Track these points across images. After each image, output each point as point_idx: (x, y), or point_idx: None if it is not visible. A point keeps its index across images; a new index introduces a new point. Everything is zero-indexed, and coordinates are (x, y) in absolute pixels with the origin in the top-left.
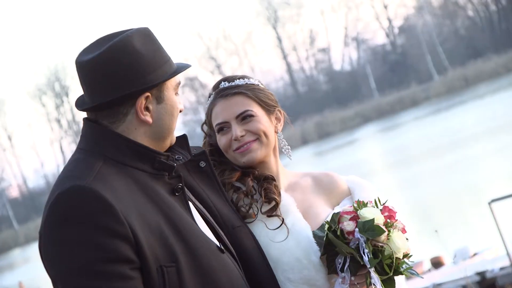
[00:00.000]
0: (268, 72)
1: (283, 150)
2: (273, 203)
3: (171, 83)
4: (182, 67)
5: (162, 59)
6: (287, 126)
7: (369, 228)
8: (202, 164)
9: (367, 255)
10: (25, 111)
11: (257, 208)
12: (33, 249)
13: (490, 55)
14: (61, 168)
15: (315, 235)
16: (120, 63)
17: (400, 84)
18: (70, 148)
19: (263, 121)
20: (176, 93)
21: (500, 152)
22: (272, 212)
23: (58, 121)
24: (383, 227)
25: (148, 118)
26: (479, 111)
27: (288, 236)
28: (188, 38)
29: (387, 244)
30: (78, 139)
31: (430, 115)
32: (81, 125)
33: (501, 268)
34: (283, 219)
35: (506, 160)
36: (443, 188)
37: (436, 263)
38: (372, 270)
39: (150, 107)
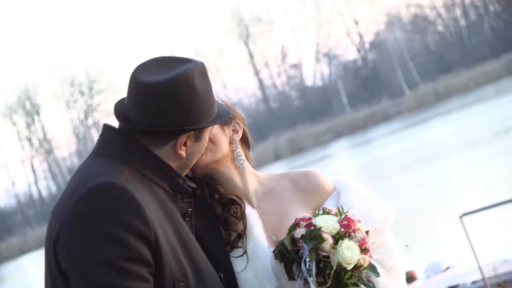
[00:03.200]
0: (240, 89)
1: (236, 161)
2: (235, 233)
3: None
4: (227, 114)
5: (211, 100)
6: (258, 142)
7: (314, 237)
8: (197, 191)
9: (308, 264)
10: None
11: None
12: (5, 269)
13: (460, 70)
14: (33, 187)
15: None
16: (179, 99)
17: (372, 99)
18: (42, 167)
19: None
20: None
21: (471, 166)
22: (235, 244)
23: (29, 139)
24: (328, 236)
25: (183, 153)
26: (450, 126)
27: (248, 265)
28: (160, 54)
29: (331, 254)
30: (49, 158)
31: (402, 130)
32: (53, 143)
33: (473, 282)
34: (245, 249)
35: (477, 174)
36: (415, 203)
37: (408, 278)
38: (310, 280)
39: (188, 143)
